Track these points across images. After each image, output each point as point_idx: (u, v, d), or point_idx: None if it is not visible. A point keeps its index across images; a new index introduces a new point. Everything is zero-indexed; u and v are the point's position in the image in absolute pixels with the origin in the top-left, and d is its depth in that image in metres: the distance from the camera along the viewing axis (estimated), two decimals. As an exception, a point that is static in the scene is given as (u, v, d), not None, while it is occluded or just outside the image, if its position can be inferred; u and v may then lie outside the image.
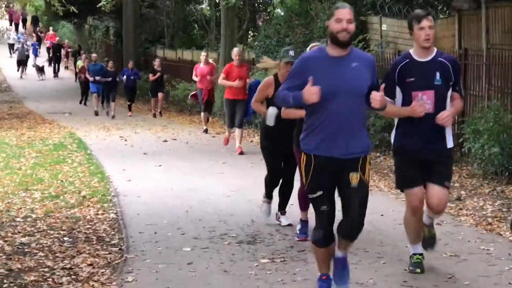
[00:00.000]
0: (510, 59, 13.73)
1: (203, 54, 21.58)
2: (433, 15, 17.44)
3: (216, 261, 7.97)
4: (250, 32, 37.91)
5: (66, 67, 44.93)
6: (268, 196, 9.70)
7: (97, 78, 27.19)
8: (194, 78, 21.24)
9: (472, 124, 13.25)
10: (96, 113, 27.67)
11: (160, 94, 26.28)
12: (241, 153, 16.58)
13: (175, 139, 19.82)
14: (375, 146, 16.63)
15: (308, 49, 8.08)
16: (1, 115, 27.25)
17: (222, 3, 26.15)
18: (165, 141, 19.58)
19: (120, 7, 35.85)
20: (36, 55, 43.04)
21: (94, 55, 30.80)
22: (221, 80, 17.31)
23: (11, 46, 47.29)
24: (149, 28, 38.61)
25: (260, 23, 37.04)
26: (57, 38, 45.15)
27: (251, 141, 18.82)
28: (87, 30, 47.81)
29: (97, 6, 26.91)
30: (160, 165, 15.24)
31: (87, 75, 28.44)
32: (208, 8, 39.99)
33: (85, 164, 15.37)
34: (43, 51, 45.98)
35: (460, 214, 10.26)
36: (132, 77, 27.44)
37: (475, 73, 14.70)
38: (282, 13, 28.50)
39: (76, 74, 36.43)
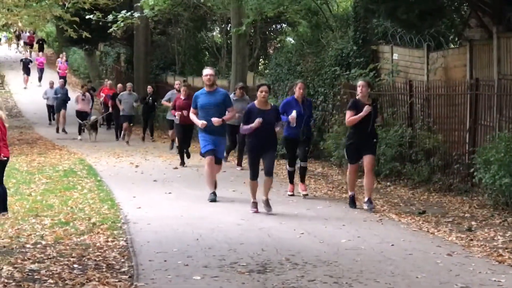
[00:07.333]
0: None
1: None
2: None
3: (226, 290, 7.93)
4: (261, 60, 38.10)
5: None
6: None
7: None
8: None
9: (483, 154, 13.24)
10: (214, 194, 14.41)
11: None
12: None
13: (186, 166, 19.79)
14: (385, 176, 16.61)
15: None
16: (11, 140, 27.20)
17: (233, 30, 26.27)
18: (176, 168, 19.57)
19: (132, 34, 36.06)
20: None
21: (208, 69, 14.51)
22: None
23: (50, 108, 34.01)
24: (160, 55, 38.78)
25: (271, 51, 37.24)
26: (119, 85, 31.47)
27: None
28: (98, 57, 48.01)
29: (108, 32, 26.47)
30: (170, 193, 15.24)
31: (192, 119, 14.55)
32: (219, 35, 40.21)
33: (95, 190, 15.37)
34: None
35: (471, 245, 10.23)
36: (309, 120, 14.89)
37: (486, 104, 14.71)
38: (293, 41, 28.59)
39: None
